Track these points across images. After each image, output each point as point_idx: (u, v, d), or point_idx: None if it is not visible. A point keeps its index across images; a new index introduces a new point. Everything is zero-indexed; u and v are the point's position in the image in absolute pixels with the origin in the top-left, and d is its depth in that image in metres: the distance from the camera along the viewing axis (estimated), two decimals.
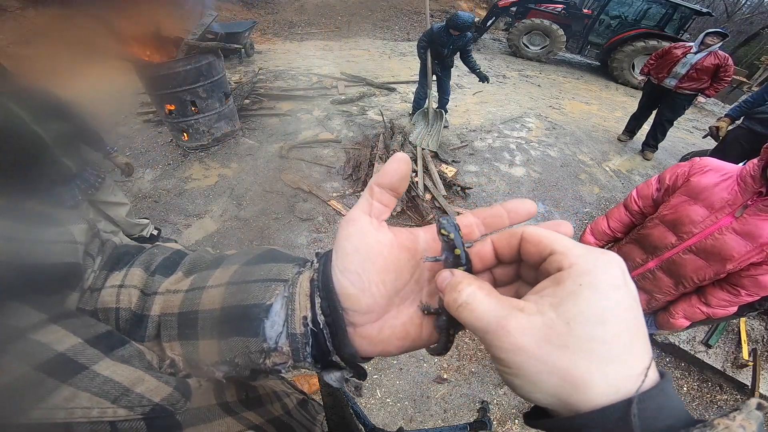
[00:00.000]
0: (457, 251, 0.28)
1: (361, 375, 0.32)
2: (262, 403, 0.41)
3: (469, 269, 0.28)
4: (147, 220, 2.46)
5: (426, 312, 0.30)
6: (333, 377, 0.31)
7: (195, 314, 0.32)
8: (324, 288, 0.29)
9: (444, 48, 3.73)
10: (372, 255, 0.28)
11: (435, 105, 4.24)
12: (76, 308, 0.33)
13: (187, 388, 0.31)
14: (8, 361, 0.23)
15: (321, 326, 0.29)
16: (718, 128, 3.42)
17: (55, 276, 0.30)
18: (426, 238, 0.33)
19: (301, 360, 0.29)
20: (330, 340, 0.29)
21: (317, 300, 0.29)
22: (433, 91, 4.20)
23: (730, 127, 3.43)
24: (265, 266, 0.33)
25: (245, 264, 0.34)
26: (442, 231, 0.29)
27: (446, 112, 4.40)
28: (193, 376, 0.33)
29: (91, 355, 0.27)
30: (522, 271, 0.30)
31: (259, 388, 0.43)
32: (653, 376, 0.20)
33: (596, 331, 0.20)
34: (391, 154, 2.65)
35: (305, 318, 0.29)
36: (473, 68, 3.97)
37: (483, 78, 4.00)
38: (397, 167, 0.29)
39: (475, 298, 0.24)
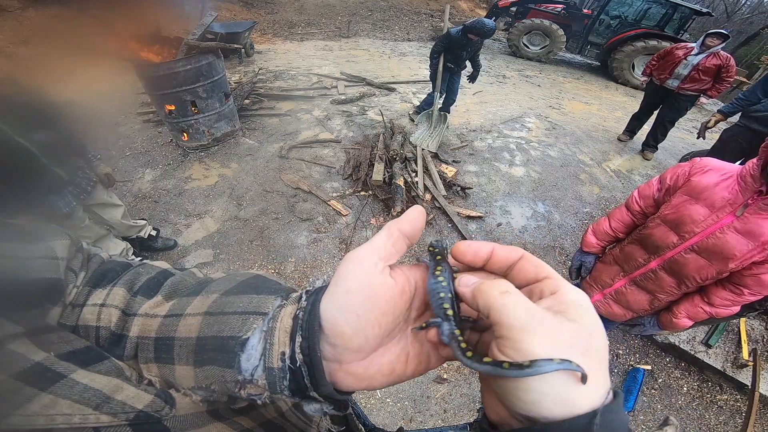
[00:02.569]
0: (439, 257, 0.32)
1: (342, 407, 0.32)
2: (255, 407, 0.41)
3: (451, 287, 0.30)
4: (144, 221, 2.45)
5: (425, 326, 0.30)
6: (312, 408, 0.31)
7: (171, 340, 0.32)
8: (308, 328, 0.29)
9: (463, 51, 3.77)
10: (374, 298, 0.29)
11: (440, 104, 4.26)
12: (57, 323, 0.33)
13: (168, 396, 0.31)
14: None
15: (299, 364, 0.29)
16: (707, 122, 3.44)
17: (34, 291, 0.30)
18: (417, 278, 0.34)
19: (278, 392, 0.29)
20: (308, 378, 0.29)
21: (298, 339, 0.29)
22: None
23: (724, 125, 3.45)
24: (246, 297, 0.33)
25: (225, 293, 0.34)
26: (429, 248, 0.34)
27: (449, 113, 4.42)
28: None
29: (67, 366, 0.27)
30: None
31: None
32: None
33: (603, 343, 0.24)
34: (391, 155, 2.63)
35: (283, 354, 0.29)
36: (477, 68, 4.11)
37: (474, 78, 4.23)
38: (418, 217, 0.31)
39: (519, 292, 0.25)
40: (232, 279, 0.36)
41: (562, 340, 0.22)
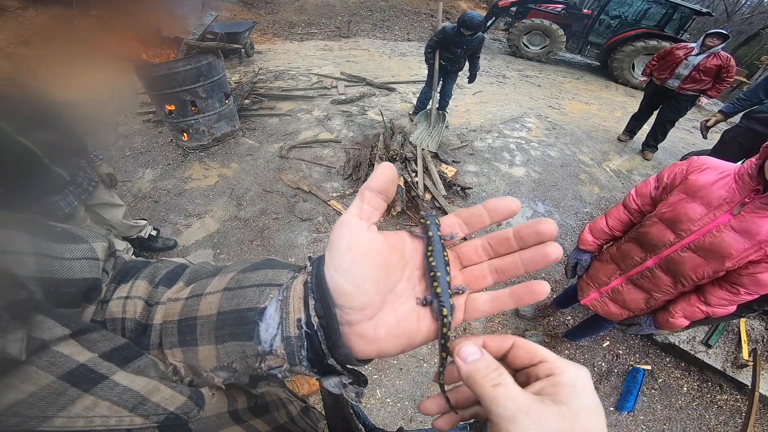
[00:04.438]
0: (431, 233, 0.34)
1: (361, 381, 0.33)
2: (269, 410, 0.42)
3: (442, 254, 0.33)
4: (145, 221, 2.46)
5: (424, 303, 0.33)
6: (331, 383, 0.31)
7: (194, 320, 0.33)
8: (318, 290, 0.30)
9: (457, 48, 3.70)
10: (364, 253, 0.30)
11: (435, 105, 4.25)
12: (90, 320, 0.34)
13: (200, 397, 0.31)
14: (34, 371, 0.24)
15: (315, 328, 0.29)
16: (707, 121, 3.44)
17: (79, 291, 0.32)
18: (412, 240, 0.36)
19: (296, 363, 0.30)
20: (324, 342, 0.30)
21: (311, 302, 0.30)
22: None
23: (725, 126, 3.45)
24: (261, 272, 0.34)
25: (242, 271, 0.35)
26: (422, 220, 0.36)
27: (447, 113, 4.41)
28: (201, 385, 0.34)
29: (109, 366, 0.28)
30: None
31: (266, 395, 0.44)
32: None
33: (595, 421, 0.24)
34: (391, 155, 2.64)
35: (299, 320, 0.30)
36: (475, 68, 4.05)
37: (472, 78, 4.18)
38: (385, 171, 0.31)
39: (509, 382, 0.26)
40: (246, 261, 0.38)
41: (547, 425, 0.23)
